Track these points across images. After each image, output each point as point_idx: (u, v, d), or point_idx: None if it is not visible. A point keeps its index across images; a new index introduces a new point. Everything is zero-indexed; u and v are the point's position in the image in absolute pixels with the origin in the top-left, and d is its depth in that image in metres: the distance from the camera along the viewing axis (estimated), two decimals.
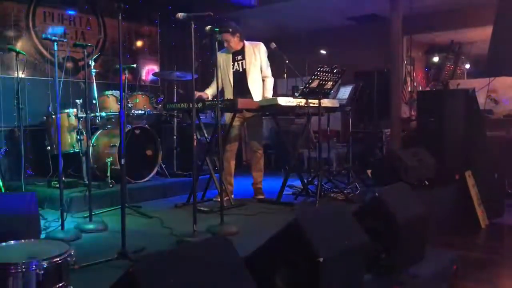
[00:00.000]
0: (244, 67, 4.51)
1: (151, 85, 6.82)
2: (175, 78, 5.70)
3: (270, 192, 4.66)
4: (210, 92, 4.55)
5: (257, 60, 4.51)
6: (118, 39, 2.79)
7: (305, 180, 4.64)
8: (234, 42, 4.47)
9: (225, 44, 4.48)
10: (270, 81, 4.58)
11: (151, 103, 5.17)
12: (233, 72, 4.53)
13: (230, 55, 4.55)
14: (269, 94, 4.54)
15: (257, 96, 4.48)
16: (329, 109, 4.75)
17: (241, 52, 4.53)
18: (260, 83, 4.55)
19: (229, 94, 4.52)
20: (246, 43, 4.55)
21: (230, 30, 4.40)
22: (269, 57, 4.63)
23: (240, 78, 4.50)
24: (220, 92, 4.62)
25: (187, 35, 3.15)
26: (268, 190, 4.73)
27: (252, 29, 7.10)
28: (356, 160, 6.23)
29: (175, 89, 5.80)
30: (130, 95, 5.08)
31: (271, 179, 5.44)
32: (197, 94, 4.37)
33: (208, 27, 3.41)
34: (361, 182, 5.06)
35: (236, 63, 4.54)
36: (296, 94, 4.32)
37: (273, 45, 4.59)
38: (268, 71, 4.58)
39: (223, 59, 4.56)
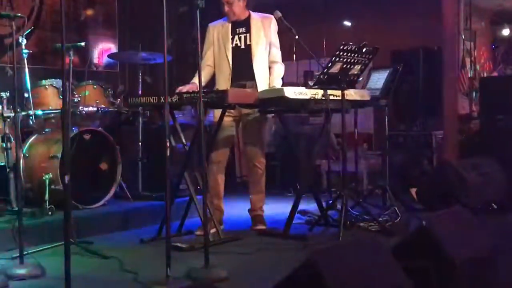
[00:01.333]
0: (248, 42, 4.55)
1: (107, 71, 6.82)
2: (140, 61, 5.70)
3: (275, 220, 4.67)
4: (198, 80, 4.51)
5: (265, 36, 4.55)
6: (60, 6, 2.79)
7: (324, 204, 4.64)
8: (239, 7, 4.50)
9: (226, 9, 4.51)
10: (280, 68, 4.63)
11: (106, 97, 5.17)
12: (233, 48, 4.56)
13: (229, 26, 4.58)
14: (278, 83, 4.57)
15: (263, 84, 4.52)
16: (356, 104, 4.76)
17: (245, 23, 4.56)
18: (267, 68, 4.61)
19: (224, 80, 4.54)
20: (253, 14, 4.60)
21: None
22: None
23: (242, 57, 4.54)
24: (212, 79, 4.67)
25: (156, 1, 3.15)
26: (271, 217, 4.73)
27: None
28: (395, 175, 6.23)
29: (140, 77, 5.81)
30: (77, 85, 5.08)
31: (276, 201, 5.43)
32: (182, 88, 4.35)
33: None
34: (403, 206, 5.05)
35: (237, 37, 4.58)
36: (311, 83, 4.33)
37: (278, 14, 4.61)
38: (278, 55, 4.64)
39: (218, 32, 4.58)
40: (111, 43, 6.98)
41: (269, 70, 4.63)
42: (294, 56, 6.20)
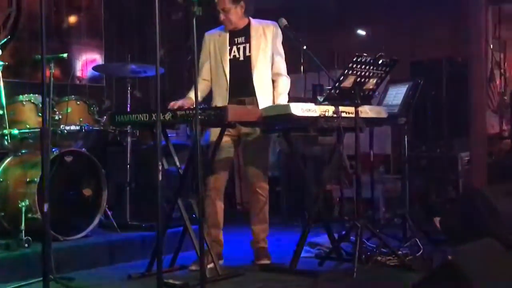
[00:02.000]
0: (247, 53, 4.57)
1: (92, 86, 6.84)
2: (129, 74, 5.72)
3: (280, 253, 4.65)
4: (194, 95, 4.51)
5: (268, 46, 4.57)
6: (40, 13, 2.81)
7: (336, 235, 4.63)
8: (236, 15, 4.53)
9: (221, 17, 4.54)
10: (284, 81, 4.64)
11: (91, 114, 5.19)
12: (230, 60, 4.59)
13: (227, 35, 4.61)
14: (283, 99, 4.58)
15: (264, 100, 4.52)
16: (372, 122, 4.76)
17: (245, 32, 4.59)
18: (270, 82, 4.62)
19: (221, 96, 4.56)
20: (253, 21, 4.63)
21: None
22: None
23: (241, 70, 4.56)
24: (209, 95, 4.69)
25: (147, 8, 3.18)
26: (276, 250, 4.72)
27: None
28: (416, 203, 6.21)
29: (129, 92, 5.83)
30: (59, 101, 5.10)
31: (281, 232, 5.41)
32: (175, 104, 4.36)
33: None
34: (425, 238, 5.04)
35: (235, 47, 4.60)
36: (320, 99, 4.35)
37: (283, 22, 4.64)
38: (283, 67, 4.65)
39: (215, 42, 4.61)
40: (97, 53, 7.01)
41: (272, 84, 4.64)
42: (302, 68, 6.22)
